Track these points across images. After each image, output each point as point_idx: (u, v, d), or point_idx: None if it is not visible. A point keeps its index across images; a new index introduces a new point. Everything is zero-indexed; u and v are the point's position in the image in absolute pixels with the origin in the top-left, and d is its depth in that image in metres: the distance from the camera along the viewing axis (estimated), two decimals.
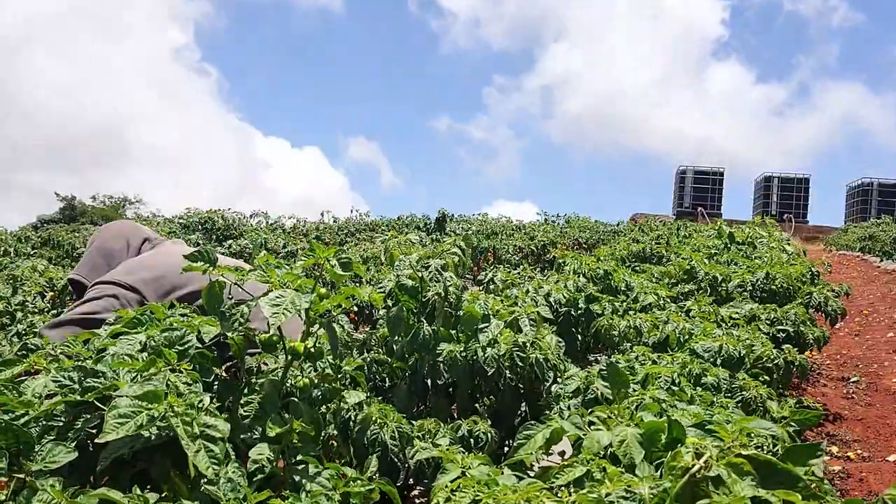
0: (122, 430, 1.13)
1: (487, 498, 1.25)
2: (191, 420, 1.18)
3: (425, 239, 8.64)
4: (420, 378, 2.46)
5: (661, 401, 1.73)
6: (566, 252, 5.12)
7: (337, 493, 1.39)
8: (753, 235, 7.09)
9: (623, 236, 12.22)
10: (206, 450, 1.18)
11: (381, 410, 1.96)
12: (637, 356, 2.60)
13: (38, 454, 1.12)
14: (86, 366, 1.29)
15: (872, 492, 2.64)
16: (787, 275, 4.73)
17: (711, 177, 29.99)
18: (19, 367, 1.36)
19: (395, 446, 1.89)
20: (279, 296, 1.49)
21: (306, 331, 1.63)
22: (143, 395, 1.19)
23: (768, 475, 1.03)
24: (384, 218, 18.18)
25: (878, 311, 7.65)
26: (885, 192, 27.51)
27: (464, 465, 1.53)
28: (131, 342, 1.43)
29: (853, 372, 4.94)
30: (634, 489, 1.13)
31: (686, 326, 3.24)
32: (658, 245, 7.82)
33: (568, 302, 3.91)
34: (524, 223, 16.16)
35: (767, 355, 3.10)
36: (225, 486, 1.21)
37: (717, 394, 2.38)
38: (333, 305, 1.68)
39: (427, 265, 2.51)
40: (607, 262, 5.01)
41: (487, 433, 2.14)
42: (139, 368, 1.30)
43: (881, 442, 3.41)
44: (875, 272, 11.65)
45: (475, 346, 2.39)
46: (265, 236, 12.87)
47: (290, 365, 1.64)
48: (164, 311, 1.59)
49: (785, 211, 27.14)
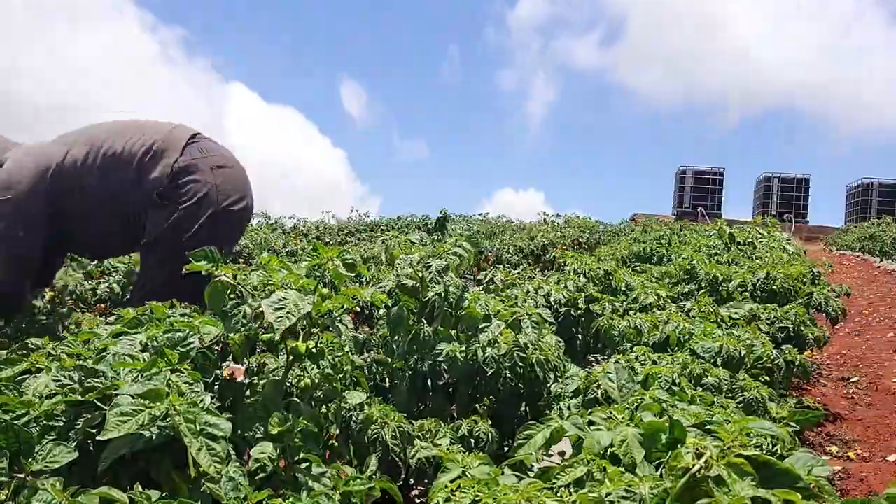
0: (124, 429, 1.13)
1: (488, 498, 1.25)
2: (193, 419, 1.18)
3: (426, 239, 8.64)
4: (420, 378, 2.46)
5: (662, 401, 1.72)
6: (566, 252, 5.12)
7: (337, 493, 1.40)
8: (754, 236, 7.09)
9: (623, 236, 12.22)
10: (207, 448, 1.18)
11: (382, 410, 1.96)
12: (637, 356, 2.60)
13: (38, 454, 1.12)
14: (87, 365, 1.29)
15: (872, 492, 2.64)
16: (788, 275, 4.72)
17: (711, 177, 30.00)
18: (20, 366, 1.36)
19: (395, 446, 1.90)
20: (282, 298, 1.49)
21: (308, 331, 1.63)
22: (144, 395, 1.19)
23: (768, 475, 1.03)
24: (385, 218, 18.18)
25: (878, 311, 7.65)
26: (885, 192, 27.51)
27: (464, 465, 1.54)
28: (132, 342, 1.44)
29: (853, 372, 4.94)
30: (635, 489, 1.13)
31: (686, 326, 3.24)
32: (659, 245, 7.82)
33: (568, 302, 3.91)
34: (525, 223, 16.16)
35: (768, 355, 3.10)
36: (226, 484, 1.22)
37: (717, 394, 2.38)
38: (336, 306, 1.68)
39: (428, 265, 2.52)
40: (608, 262, 5.01)
41: (488, 433, 2.14)
42: (140, 368, 1.31)
43: (881, 442, 3.41)
44: (875, 272, 11.65)
45: (475, 346, 2.40)
46: (265, 236, 12.87)
47: (292, 365, 1.64)
48: (164, 311, 1.59)
49: (785, 211, 27.15)
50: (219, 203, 2.81)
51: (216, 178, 2.83)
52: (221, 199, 2.82)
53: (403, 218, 17.26)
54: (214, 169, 2.86)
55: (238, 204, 2.90)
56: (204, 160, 2.85)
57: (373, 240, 12.47)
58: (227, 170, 2.91)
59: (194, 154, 2.83)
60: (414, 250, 2.67)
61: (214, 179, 2.83)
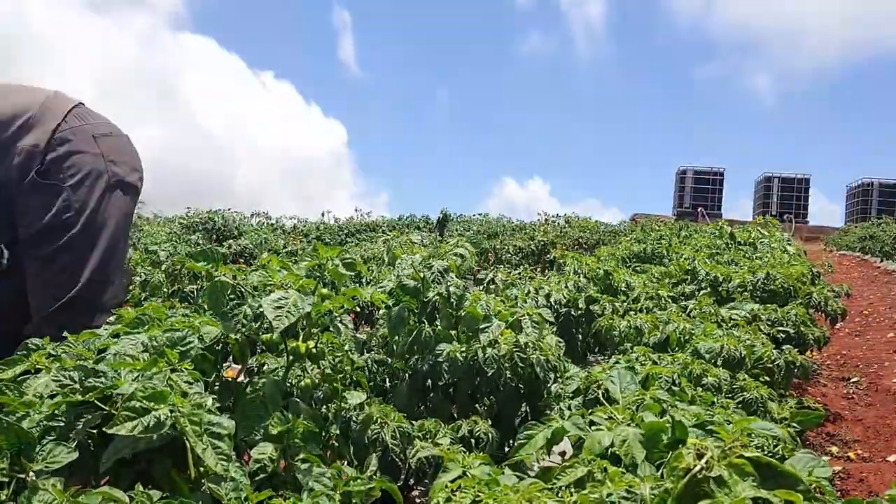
0: (131, 426, 1.13)
1: (488, 498, 1.25)
2: (198, 419, 1.18)
3: (426, 239, 8.65)
4: (420, 378, 2.46)
5: (662, 401, 1.72)
6: (566, 252, 5.12)
7: (337, 493, 1.40)
8: (755, 236, 7.09)
9: (623, 236, 12.23)
10: (212, 447, 1.18)
11: (382, 410, 1.96)
12: (638, 356, 2.60)
13: (39, 454, 1.12)
14: (87, 365, 1.29)
15: (873, 492, 2.64)
16: (788, 275, 4.73)
17: (711, 177, 30.02)
18: (20, 366, 1.36)
19: (395, 446, 1.89)
20: (282, 297, 1.49)
21: (308, 331, 1.63)
22: (149, 397, 1.19)
23: (769, 476, 1.03)
24: (385, 218, 18.23)
25: (878, 311, 7.65)
26: (885, 192, 27.54)
27: (464, 465, 1.53)
28: (133, 342, 1.44)
29: (853, 372, 4.94)
30: (636, 489, 1.13)
31: (687, 327, 3.24)
32: (659, 245, 7.82)
33: (568, 302, 3.91)
34: (525, 223, 16.18)
35: (768, 356, 3.10)
36: (227, 485, 1.22)
37: (717, 394, 2.38)
38: (337, 306, 1.68)
39: (430, 265, 2.52)
40: (608, 263, 5.01)
41: (488, 433, 2.14)
42: (141, 368, 1.30)
43: (881, 442, 3.41)
44: (875, 272, 11.66)
45: (476, 346, 2.40)
46: (265, 236, 12.89)
47: (292, 365, 1.64)
48: (164, 312, 1.59)
49: (785, 211, 27.17)
50: (111, 176, 2.37)
51: (103, 148, 2.40)
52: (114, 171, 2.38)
53: (404, 218, 17.29)
54: (100, 137, 2.42)
55: (131, 176, 2.47)
56: (84, 127, 2.40)
57: (373, 240, 12.48)
58: (113, 138, 2.47)
59: (73, 123, 2.38)
60: (415, 250, 2.67)
61: (102, 149, 2.39)
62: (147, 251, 7.57)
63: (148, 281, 4.42)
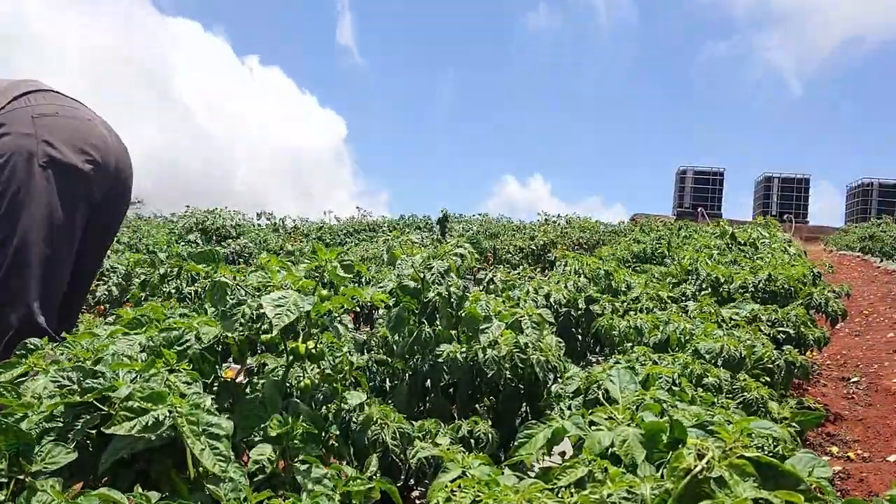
0: (129, 426, 1.13)
1: (488, 498, 1.24)
2: (196, 420, 1.18)
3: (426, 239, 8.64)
4: (420, 378, 2.46)
5: (663, 401, 1.72)
6: (566, 252, 5.12)
7: (337, 493, 1.39)
8: (756, 236, 7.09)
9: (623, 237, 12.24)
10: (210, 447, 1.18)
11: (382, 411, 1.96)
12: (638, 356, 2.60)
13: (37, 455, 1.12)
14: (85, 366, 1.29)
15: (873, 492, 2.64)
16: (789, 276, 4.72)
17: (711, 177, 30.02)
18: (19, 368, 1.35)
19: (395, 446, 1.89)
20: (282, 296, 1.48)
21: (307, 332, 1.63)
22: (147, 397, 1.18)
23: (770, 476, 1.03)
24: (386, 218, 18.24)
25: (878, 311, 7.65)
26: (885, 192, 27.54)
27: (464, 465, 1.53)
28: (131, 343, 1.43)
29: (853, 372, 4.94)
30: (636, 490, 1.13)
31: (687, 327, 3.23)
32: (659, 245, 7.82)
33: (568, 302, 3.91)
34: (525, 223, 16.18)
35: (768, 356, 3.09)
36: (226, 485, 1.21)
37: (718, 394, 2.38)
38: (336, 307, 1.67)
39: (430, 266, 2.51)
40: (608, 263, 5.01)
41: (488, 433, 2.13)
42: (139, 369, 1.30)
43: (881, 442, 3.40)
44: (875, 272, 11.65)
45: (476, 346, 2.39)
46: (265, 236, 12.89)
47: (292, 365, 1.64)
48: (163, 312, 1.59)
49: (785, 211, 27.18)
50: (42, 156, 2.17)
51: (40, 129, 2.21)
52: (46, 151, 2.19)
53: (405, 218, 17.30)
54: (37, 118, 2.23)
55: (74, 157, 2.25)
56: (24, 109, 2.24)
57: (373, 240, 12.48)
58: (57, 119, 2.26)
59: (15, 106, 2.24)
60: (415, 251, 2.67)
61: (38, 130, 2.20)
62: (148, 251, 7.58)
63: (148, 281, 4.42)
